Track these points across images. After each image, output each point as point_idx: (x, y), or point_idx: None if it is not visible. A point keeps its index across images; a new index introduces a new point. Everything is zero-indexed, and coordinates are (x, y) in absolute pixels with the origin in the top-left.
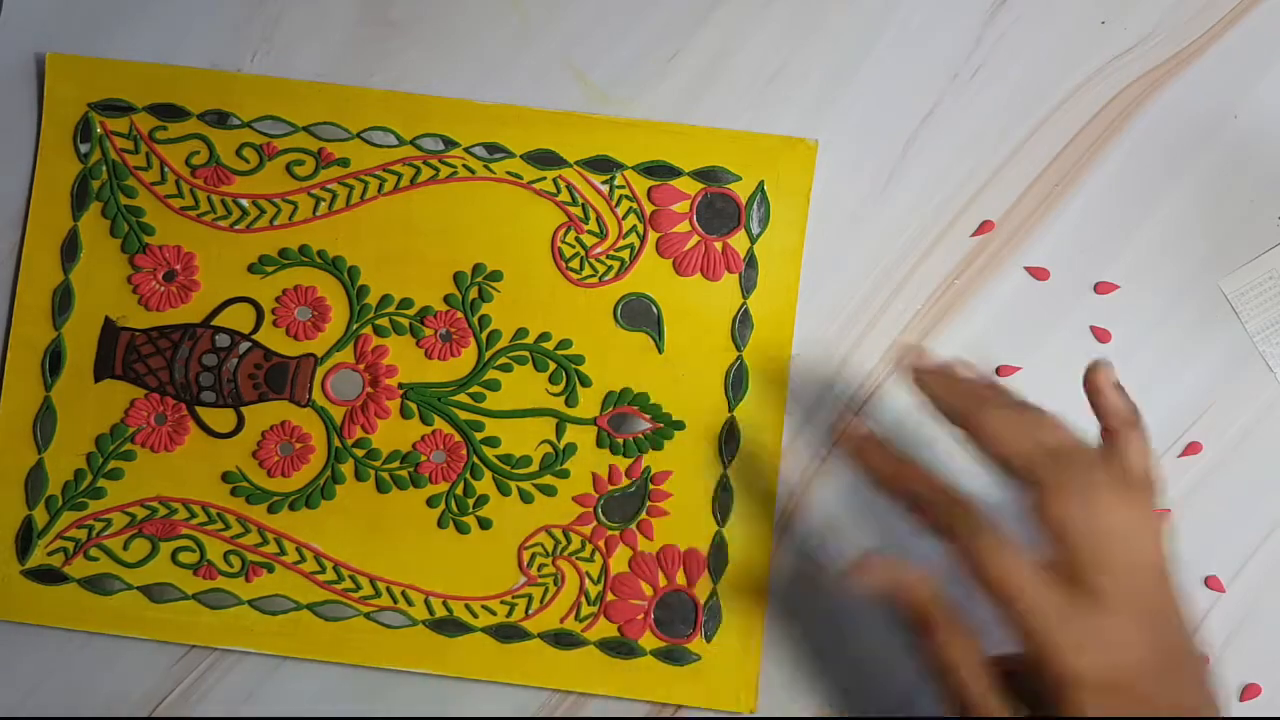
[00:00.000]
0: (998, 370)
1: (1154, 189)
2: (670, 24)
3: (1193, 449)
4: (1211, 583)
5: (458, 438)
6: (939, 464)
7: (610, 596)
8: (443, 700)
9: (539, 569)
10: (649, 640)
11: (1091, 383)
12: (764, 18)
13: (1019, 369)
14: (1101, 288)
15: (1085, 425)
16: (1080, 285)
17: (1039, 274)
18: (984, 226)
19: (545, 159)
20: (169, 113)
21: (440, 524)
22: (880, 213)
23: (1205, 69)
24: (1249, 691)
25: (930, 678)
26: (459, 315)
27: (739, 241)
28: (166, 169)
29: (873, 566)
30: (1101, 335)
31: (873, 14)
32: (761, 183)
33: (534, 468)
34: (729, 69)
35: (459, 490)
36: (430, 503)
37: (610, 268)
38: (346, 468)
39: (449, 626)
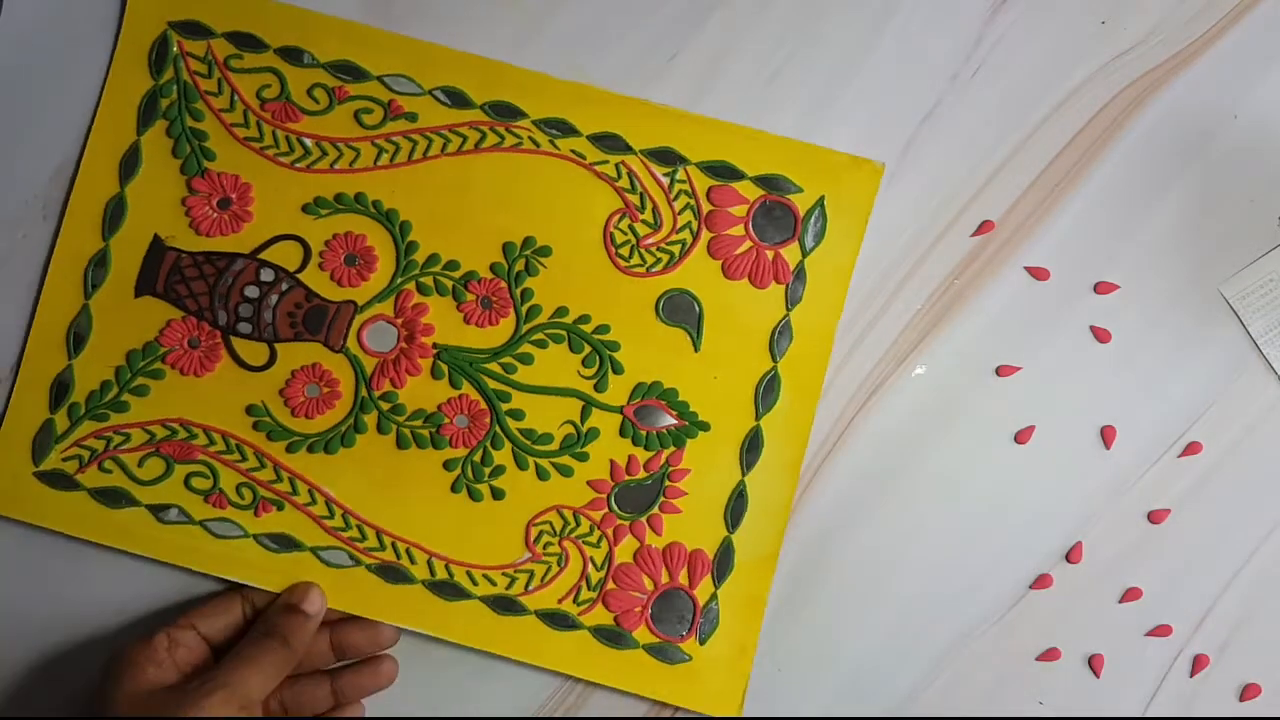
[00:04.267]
0: (998, 370)
1: (1154, 189)
2: (669, 25)
3: (1193, 449)
4: (1211, 582)
5: (483, 405)
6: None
7: (611, 585)
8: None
9: (544, 546)
10: (643, 634)
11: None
12: (763, 18)
13: (1019, 369)
14: (1101, 288)
15: (1084, 425)
16: (1080, 285)
17: (1039, 274)
18: (984, 226)
19: (610, 142)
20: (247, 42)
21: (454, 488)
22: (880, 213)
23: (1205, 69)
24: (1249, 691)
25: None
26: (502, 284)
27: (791, 253)
28: (236, 97)
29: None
30: (1101, 335)
31: (873, 14)
32: (822, 198)
33: (554, 446)
34: (728, 69)
35: (477, 457)
36: (447, 465)
37: (659, 260)
38: (370, 418)
39: (447, 590)
